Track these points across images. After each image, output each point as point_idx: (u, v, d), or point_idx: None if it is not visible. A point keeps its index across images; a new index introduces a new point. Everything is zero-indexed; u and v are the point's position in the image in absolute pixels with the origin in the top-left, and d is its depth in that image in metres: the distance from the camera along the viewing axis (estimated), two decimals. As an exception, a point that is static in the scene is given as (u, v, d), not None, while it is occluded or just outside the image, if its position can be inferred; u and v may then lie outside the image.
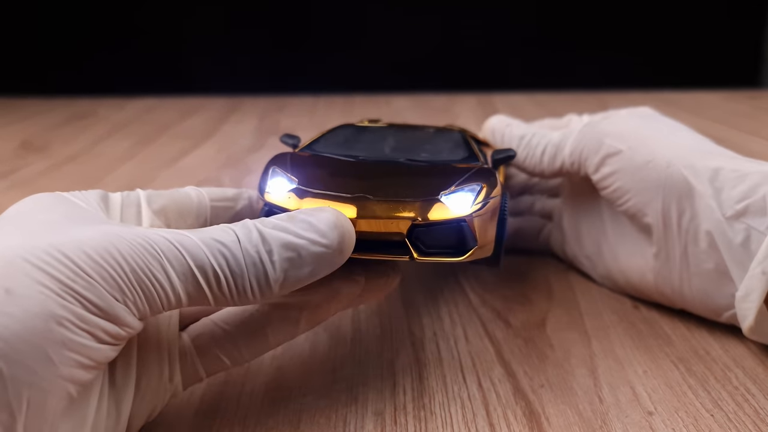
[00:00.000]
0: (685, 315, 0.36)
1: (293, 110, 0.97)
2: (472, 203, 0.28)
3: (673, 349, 0.33)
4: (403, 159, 0.32)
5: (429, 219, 0.27)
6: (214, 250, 0.22)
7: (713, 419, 0.28)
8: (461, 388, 0.30)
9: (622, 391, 0.29)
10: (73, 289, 0.20)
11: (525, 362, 0.32)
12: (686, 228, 0.33)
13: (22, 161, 0.69)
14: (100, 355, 0.21)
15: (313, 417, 0.28)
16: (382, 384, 0.30)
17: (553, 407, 0.28)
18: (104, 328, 0.20)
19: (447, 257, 0.27)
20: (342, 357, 0.32)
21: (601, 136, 0.36)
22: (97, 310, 0.20)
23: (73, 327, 0.20)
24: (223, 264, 0.22)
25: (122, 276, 0.21)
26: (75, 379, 0.20)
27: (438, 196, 0.28)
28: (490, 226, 0.29)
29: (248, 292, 0.23)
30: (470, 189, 0.29)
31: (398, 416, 0.28)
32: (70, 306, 0.20)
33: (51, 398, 0.20)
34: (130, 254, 0.21)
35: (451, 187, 0.28)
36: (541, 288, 0.40)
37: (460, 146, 0.34)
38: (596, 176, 0.36)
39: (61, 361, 0.19)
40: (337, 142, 0.34)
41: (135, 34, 1.12)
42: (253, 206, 0.31)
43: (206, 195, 0.29)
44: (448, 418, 0.28)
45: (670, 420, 0.27)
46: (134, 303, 0.21)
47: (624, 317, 0.36)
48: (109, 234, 0.21)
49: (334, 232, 0.24)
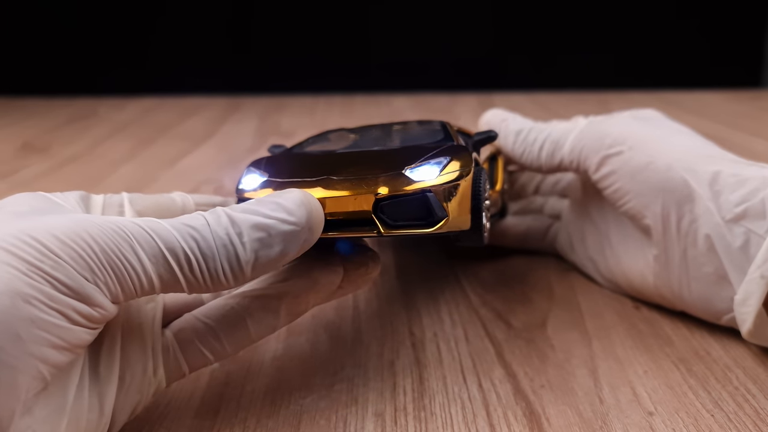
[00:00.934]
0: (686, 315, 0.36)
1: (293, 110, 0.97)
2: (437, 175, 0.27)
3: (673, 349, 0.33)
4: (375, 147, 0.32)
5: (392, 192, 0.27)
6: (185, 234, 0.22)
7: (713, 419, 0.27)
8: (461, 389, 0.30)
9: (622, 392, 0.29)
10: (41, 268, 0.20)
11: (525, 363, 0.32)
12: (686, 231, 0.33)
13: (22, 162, 0.69)
14: (73, 337, 0.21)
15: (313, 418, 0.28)
16: (383, 385, 0.30)
17: (553, 408, 0.28)
18: (75, 307, 0.20)
19: (416, 229, 0.27)
20: (342, 358, 0.32)
21: (601, 135, 0.36)
22: (67, 289, 0.20)
23: (41, 305, 0.20)
24: (193, 246, 0.22)
25: (91, 256, 0.21)
26: (47, 359, 0.20)
27: (402, 170, 0.28)
28: (463, 199, 0.29)
29: (221, 275, 0.23)
30: (437, 162, 0.28)
31: (398, 417, 0.28)
32: (37, 285, 0.20)
33: (21, 376, 0.19)
34: (99, 236, 0.21)
35: (416, 162, 0.28)
36: (542, 288, 0.40)
37: (437, 132, 0.34)
38: (596, 176, 0.36)
39: (30, 338, 0.19)
40: (317, 143, 0.35)
41: (135, 34, 1.12)
42: None
43: (191, 200, 0.29)
44: (449, 419, 0.28)
45: (671, 420, 0.27)
46: (105, 284, 0.21)
47: (625, 318, 0.36)
48: (78, 219, 0.21)
49: (301, 209, 0.24)
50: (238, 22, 1.12)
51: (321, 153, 0.33)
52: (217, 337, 0.26)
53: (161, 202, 0.28)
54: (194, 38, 1.12)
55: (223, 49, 1.13)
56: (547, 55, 1.13)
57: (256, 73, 1.14)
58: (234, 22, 1.12)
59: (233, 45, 1.13)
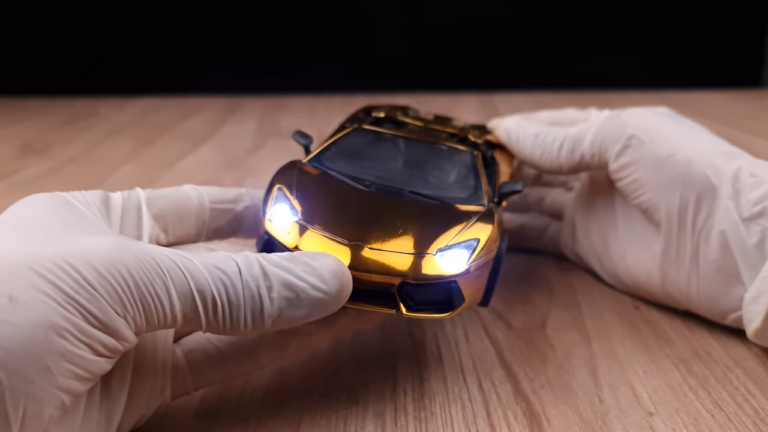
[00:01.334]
0: (686, 315, 0.36)
1: (293, 110, 0.97)
2: (466, 261, 0.28)
3: (673, 349, 0.33)
4: (407, 191, 0.31)
5: (420, 278, 0.27)
6: (215, 278, 0.22)
7: (713, 420, 0.28)
8: (462, 389, 0.30)
9: (622, 392, 0.29)
10: (76, 300, 0.20)
11: (525, 363, 0.32)
12: (700, 227, 0.33)
13: (22, 163, 0.69)
14: (97, 368, 0.21)
15: (313, 418, 0.28)
16: (383, 385, 0.30)
17: (553, 408, 0.28)
18: (102, 341, 0.21)
19: (433, 314, 0.28)
20: (343, 358, 0.32)
21: (623, 126, 0.36)
22: (98, 322, 0.20)
23: (72, 339, 0.20)
24: (222, 292, 0.22)
25: (126, 291, 0.21)
26: (71, 389, 0.20)
27: (433, 252, 0.27)
28: (482, 279, 0.29)
29: (241, 323, 0.23)
30: (467, 245, 0.28)
31: (399, 417, 0.28)
32: (71, 317, 0.20)
33: (47, 407, 0.20)
34: (135, 269, 0.21)
35: (448, 243, 0.28)
36: (542, 289, 0.40)
37: (468, 176, 0.33)
38: (615, 165, 0.35)
39: (59, 372, 0.20)
40: (348, 154, 0.33)
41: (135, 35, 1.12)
42: (258, 207, 0.30)
43: (206, 196, 0.29)
44: (449, 419, 0.28)
45: (671, 420, 0.27)
46: (134, 318, 0.21)
47: (625, 318, 0.36)
48: (115, 247, 0.21)
49: (335, 280, 0.24)
50: (238, 22, 1.12)
51: (355, 187, 0.31)
52: (226, 362, 0.27)
53: (177, 201, 0.28)
54: (195, 38, 1.12)
55: (223, 50, 1.13)
56: (547, 55, 1.13)
57: (256, 73, 1.14)
58: (234, 22, 1.12)
59: (233, 45, 1.13)
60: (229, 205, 0.30)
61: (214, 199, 0.29)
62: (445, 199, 0.31)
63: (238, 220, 0.30)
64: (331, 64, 1.14)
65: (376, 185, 0.31)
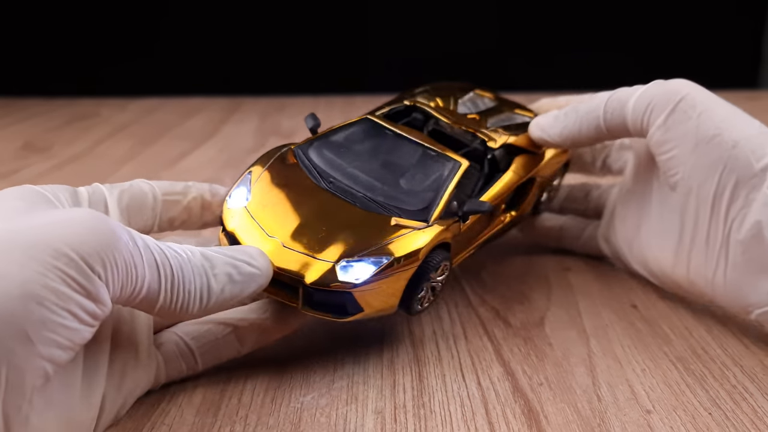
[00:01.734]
0: (684, 314, 0.36)
1: (293, 110, 0.97)
2: (369, 275, 0.29)
3: (671, 348, 0.33)
4: (363, 195, 0.32)
5: (314, 283, 0.29)
6: (172, 256, 0.25)
7: (711, 417, 0.28)
8: (461, 387, 0.30)
9: (620, 390, 0.30)
10: (56, 266, 0.21)
11: (524, 361, 0.32)
12: (734, 214, 0.31)
13: (24, 162, 0.69)
14: (77, 336, 0.22)
15: (313, 415, 0.28)
16: (382, 383, 0.30)
17: (551, 406, 0.29)
18: (83, 305, 0.21)
19: (330, 316, 0.30)
20: (342, 356, 0.33)
21: (672, 92, 0.33)
22: (79, 286, 0.21)
23: (54, 306, 0.20)
24: (178, 268, 0.25)
25: (103, 253, 0.22)
26: (53, 358, 0.21)
27: (335, 261, 0.29)
28: (392, 290, 0.30)
29: (193, 298, 0.26)
30: (375, 261, 0.29)
31: (398, 414, 0.28)
32: (52, 284, 0.20)
33: (29, 376, 0.20)
34: (110, 236, 0.22)
35: (358, 254, 0.29)
36: (541, 287, 0.40)
37: (434, 189, 0.33)
38: (657, 134, 0.33)
39: (41, 341, 0.20)
40: (337, 145, 0.35)
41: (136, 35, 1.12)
42: (205, 199, 0.33)
43: (157, 189, 0.31)
44: (448, 417, 0.28)
45: (669, 418, 0.28)
46: (112, 281, 0.22)
47: (623, 316, 0.36)
48: (90, 216, 0.23)
49: (262, 258, 0.29)
50: (239, 22, 1.12)
51: (308, 186, 0.33)
52: (193, 354, 0.30)
53: (136, 194, 0.30)
54: (195, 39, 1.13)
55: (223, 50, 1.14)
56: (547, 55, 1.13)
57: (256, 73, 1.14)
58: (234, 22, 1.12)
59: (234, 46, 1.13)
60: (178, 196, 0.32)
61: (164, 191, 0.31)
62: (393, 209, 0.32)
63: (187, 210, 0.32)
64: (331, 65, 1.14)
65: (336, 185, 0.33)
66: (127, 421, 0.28)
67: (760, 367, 0.31)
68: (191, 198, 0.32)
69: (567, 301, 0.38)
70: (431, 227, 0.31)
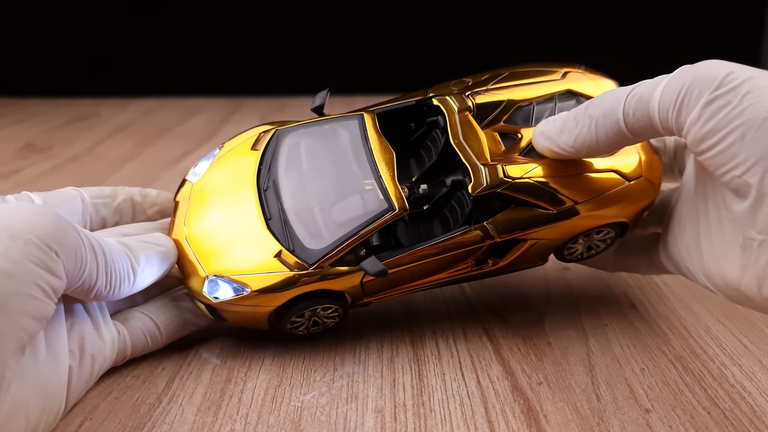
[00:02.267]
0: (683, 314, 0.36)
1: (294, 111, 0.97)
2: (228, 298, 0.30)
3: (670, 347, 0.33)
4: (280, 211, 0.31)
5: (187, 287, 0.32)
6: (103, 242, 0.28)
7: (710, 417, 0.28)
8: (460, 386, 0.30)
9: (619, 389, 0.30)
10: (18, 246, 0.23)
11: (523, 360, 0.32)
12: None
13: (24, 162, 0.69)
14: (43, 308, 0.24)
15: (313, 414, 0.28)
16: (382, 381, 0.30)
17: (551, 404, 0.29)
18: (47, 280, 0.24)
19: (210, 315, 0.32)
20: (342, 355, 0.33)
21: (708, 75, 0.27)
22: (41, 262, 0.24)
23: (22, 279, 0.23)
24: (108, 250, 0.28)
25: (55, 234, 0.25)
26: (27, 328, 0.24)
27: (207, 276, 0.31)
28: (252, 319, 0.31)
29: (122, 277, 0.29)
30: (237, 288, 0.30)
31: (398, 413, 0.28)
32: (17, 259, 0.23)
33: (8, 342, 0.23)
34: (57, 220, 0.25)
35: (228, 275, 0.31)
36: (539, 287, 0.40)
37: (349, 227, 0.30)
38: (692, 133, 0.27)
39: (13, 309, 0.23)
40: (321, 135, 0.33)
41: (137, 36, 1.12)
42: (135, 200, 0.35)
43: (86, 194, 0.33)
44: (447, 416, 0.28)
45: (667, 417, 0.28)
46: (66, 259, 0.25)
47: (621, 316, 0.36)
48: (34, 207, 0.26)
49: (167, 240, 0.32)
50: (239, 22, 1.12)
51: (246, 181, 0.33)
52: (158, 328, 0.32)
53: (67, 200, 0.32)
54: (196, 39, 1.13)
55: (224, 50, 1.14)
56: (546, 55, 1.13)
57: (256, 74, 1.14)
58: (234, 22, 1.12)
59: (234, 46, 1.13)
60: (107, 199, 0.34)
61: (92, 195, 0.33)
62: (290, 239, 0.31)
63: (118, 211, 0.34)
64: (331, 65, 1.14)
65: (268, 191, 0.32)
66: (127, 420, 0.28)
67: (759, 367, 0.31)
68: (120, 200, 0.34)
69: (566, 301, 0.38)
70: (307, 274, 0.30)
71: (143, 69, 1.14)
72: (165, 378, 0.31)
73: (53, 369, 0.27)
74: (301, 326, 0.32)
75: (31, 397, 0.25)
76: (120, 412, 0.28)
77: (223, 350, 0.33)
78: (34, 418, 0.25)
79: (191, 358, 0.33)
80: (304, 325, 0.32)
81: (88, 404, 0.29)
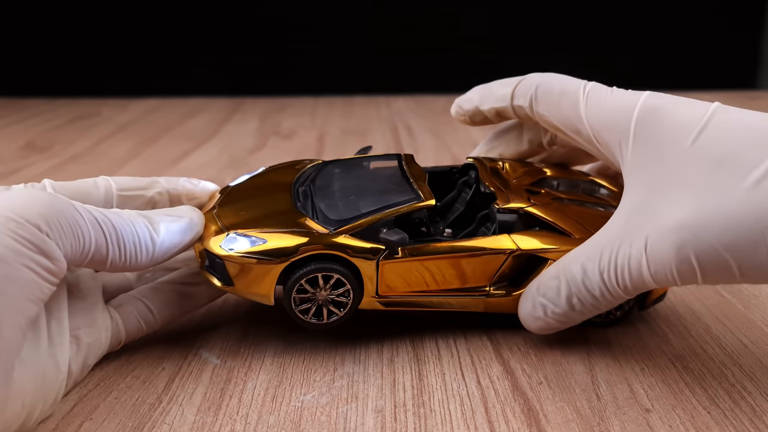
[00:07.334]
0: (683, 313, 0.36)
1: (294, 111, 0.97)
2: (243, 250, 0.30)
3: (670, 347, 0.33)
4: (309, 194, 0.34)
5: (206, 245, 0.31)
6: (113, 215, 0.28)
7: (710, 416, 0.28)
8: (460, 386, 0.30)
9: (619, 389, 0.30)
10: (6, 229, 0.24)
11: (523, 360, 0.32)
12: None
13: (25, 161, 0.70)
14: (39, 290, 0.25)
15: (314, 414, 0.28)
16: (382, 381, 0.31)
17: (551, 404, 0.29)
18: (39, 262, 0.24)
19: (215, 281, 0.32)
20: (342, 355, 0.33)
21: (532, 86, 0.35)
22: (31, 245, 0.24)
23: (13, 262, 0.23)
24: (119, 223, 0.28)
25: (49, 216, 0.25)
26: (24, 311, 0.24)
27: (228, 231, 0.31)
28: (258, 280, 0.31)
29: (139, 248, 0.29)
30: (253, 240, 0.31)
31: (398, 413, 0.28)
32: (6, 243, 0.23)
33: (7, 327, 0.23)
34: (52, 203, 0.25)
35: (244, 231, 0.31)
36: (541, 287, 0.40)
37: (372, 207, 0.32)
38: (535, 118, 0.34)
39: (9, 293, 0.23)
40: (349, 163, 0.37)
41: (138, 36, 1.13)
42: (184, 187, 0.35)
43: (113, 184, 0.33)
44: (448, 416, 0.28)
45: (668, 417, 0.28)
46: (61, 239, 0.25)
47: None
48: (29, 192, 0.26)
49: (193, 212, 0.32)
50: (239, 22, 1.12)
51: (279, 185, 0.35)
52: (151, 312, 0.32)
53: (83, 188, 0.32)
54: (197, 39, 1.13)
55: (224, 51, 1.14)
56: (545, 55, 1.13)
57: (257, 74, 1.14)
58: (234, 22, 1.12)
59: (235, 46, 1.13)
60: (139, 191, 0.33)
61: (122, 186, 0.33)
62: (316, 212, 0.32)
63: (150, 204, 0.34)
64: (331, 66, 1.14)
65: (305, 186, 0.35)
66: (127, 420, 0.28)
67: (759, 366, 0.31)
68: (155, 192, 0.34)
69: (566, 301, 0.38)
70: (328, 234, 0.31)
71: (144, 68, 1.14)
72: (165, 378, 0.31)
73: (52, 356, 0.27)
74: (308, 311, 0.32)
75: (28, 383, 0.25)
76: (120, 412, 0.28)
77: (223, 350, 0.33)
78: (30, 404, 0.25)
79: (191, 358, 0.33)
80: (311, 311, 0.32)
81: (88, 404, 0.29)
